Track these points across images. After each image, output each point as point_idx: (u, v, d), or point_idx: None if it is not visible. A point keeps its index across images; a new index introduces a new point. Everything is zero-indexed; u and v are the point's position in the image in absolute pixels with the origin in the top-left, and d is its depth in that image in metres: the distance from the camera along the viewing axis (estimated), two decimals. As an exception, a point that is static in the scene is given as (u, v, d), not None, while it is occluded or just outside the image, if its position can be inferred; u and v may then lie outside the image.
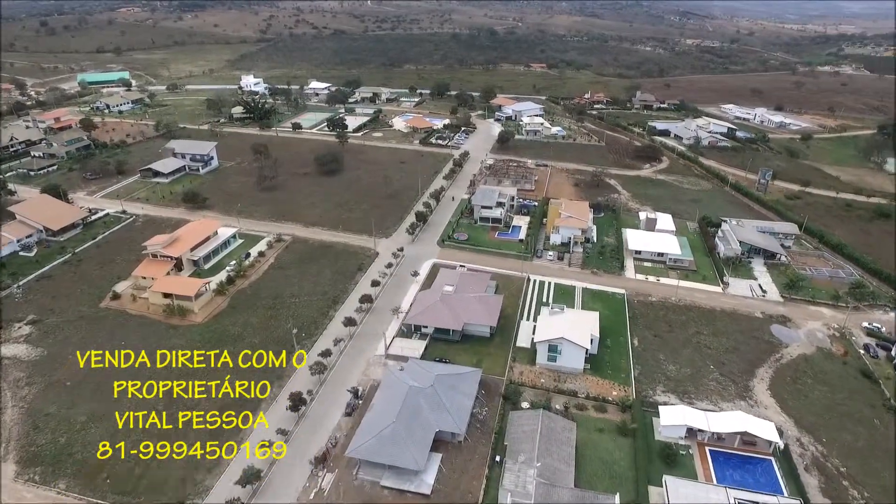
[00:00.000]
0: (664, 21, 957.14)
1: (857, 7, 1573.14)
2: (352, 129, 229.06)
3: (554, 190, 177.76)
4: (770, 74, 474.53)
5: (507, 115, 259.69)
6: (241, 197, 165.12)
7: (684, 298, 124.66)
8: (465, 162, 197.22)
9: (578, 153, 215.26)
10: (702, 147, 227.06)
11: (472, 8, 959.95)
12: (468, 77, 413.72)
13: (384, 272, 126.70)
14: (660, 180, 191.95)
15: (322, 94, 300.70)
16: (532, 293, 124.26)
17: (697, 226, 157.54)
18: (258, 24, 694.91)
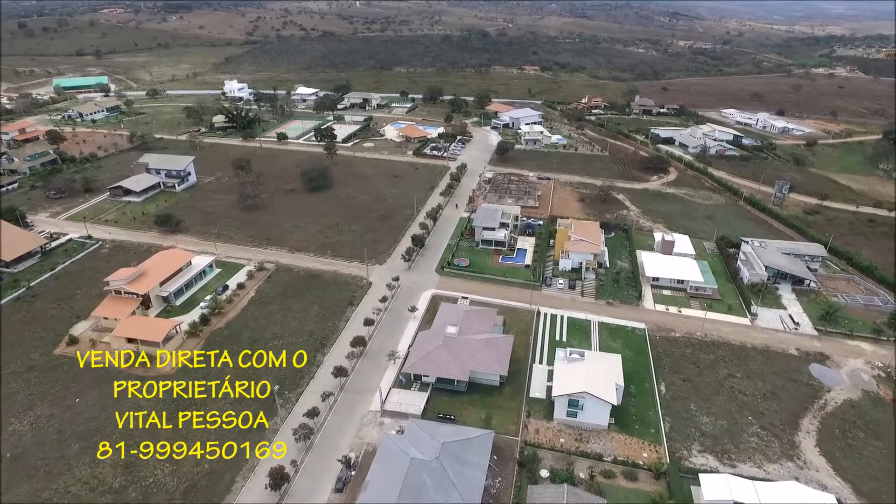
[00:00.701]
0: (654, 22, 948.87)
1: (841, 8, 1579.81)
2: (341, 139, 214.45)
3: (559, 207, 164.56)
4: (765, 77, 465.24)
5: (505, 123, 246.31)
6: (220, 218, 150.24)
7: (710, 333, 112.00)
8: (463, 175, 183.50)
9: (581, 164, 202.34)
10: (709, 156, 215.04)
11: (462, 9, 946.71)
12: (461, 80, 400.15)
13: (378, 308, 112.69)
14: (670, 194, 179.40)
15: (309, 101, 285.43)
16: (543, 329, 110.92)
17: (715, 246, 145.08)
18: (245, 26, 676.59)
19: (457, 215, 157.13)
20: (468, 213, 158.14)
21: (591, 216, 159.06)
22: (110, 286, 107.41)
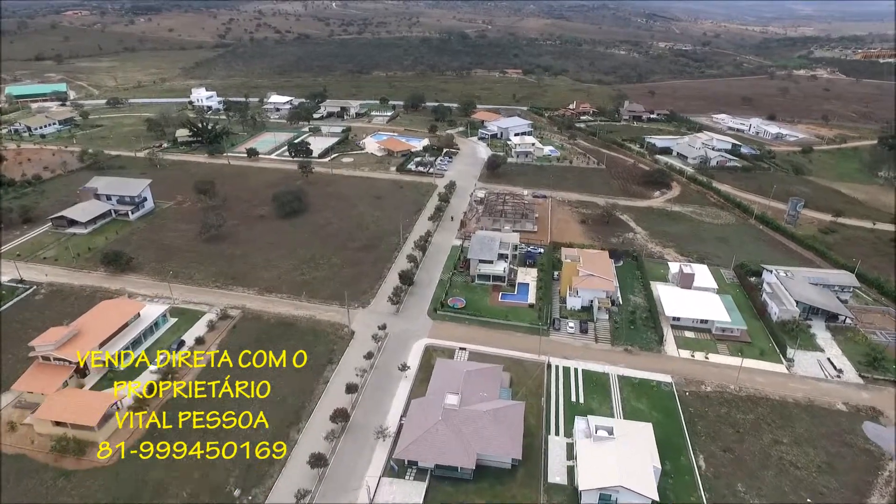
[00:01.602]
0: (631, 23, 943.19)
1: (809, 9, 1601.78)
2: (317, 154, 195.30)
3: (560, 230, 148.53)
4: (749, 79, 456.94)
5: (493, 133, 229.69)
6: (178, 252, 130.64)
7: (745, 385, 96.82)
8: (452, 194, 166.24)
9: (578, 179, 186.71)
10: (710, 168, 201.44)
11: (440, 10, 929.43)
12: (442, 85, 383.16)
13: (362, 367, 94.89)
14: (676, 213, 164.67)
15: (283, 110, 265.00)
16: (556, 387, 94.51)
17: (734, 275, 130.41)
18: (217, 29, 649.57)
19: (448, 243, 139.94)
20: (460, 239, 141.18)
21: (596, 241, 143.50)
22: (36, 352, 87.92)
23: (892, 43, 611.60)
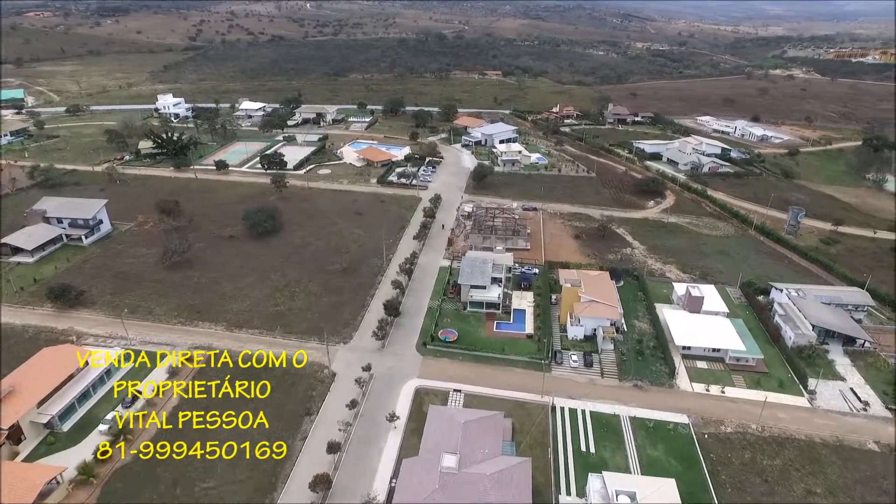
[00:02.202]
0: (607, 23, 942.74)
1: (778, 9, 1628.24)
2: (292, 166, 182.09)
3: (554, 247, 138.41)
4: (727, 79, 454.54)
5: (477, 140, 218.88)
6: (138, 282, 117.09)
7: (767, 423, 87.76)
8: (438, 208, 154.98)
9: (568, 189, 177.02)
10: (702, 174, 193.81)
11: (416, 11, 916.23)
12: (421, 87, 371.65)
13: (345, 419, 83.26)
14: (672, 224, 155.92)
15: (256, 117, 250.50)
16: (563, 434, 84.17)
17: (741, 294, 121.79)
18: (187, 31, 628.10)
19: (436, 264, 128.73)
20: (449, 259, 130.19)
21: (592, 257, 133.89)
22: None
23: (861, 43, 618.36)
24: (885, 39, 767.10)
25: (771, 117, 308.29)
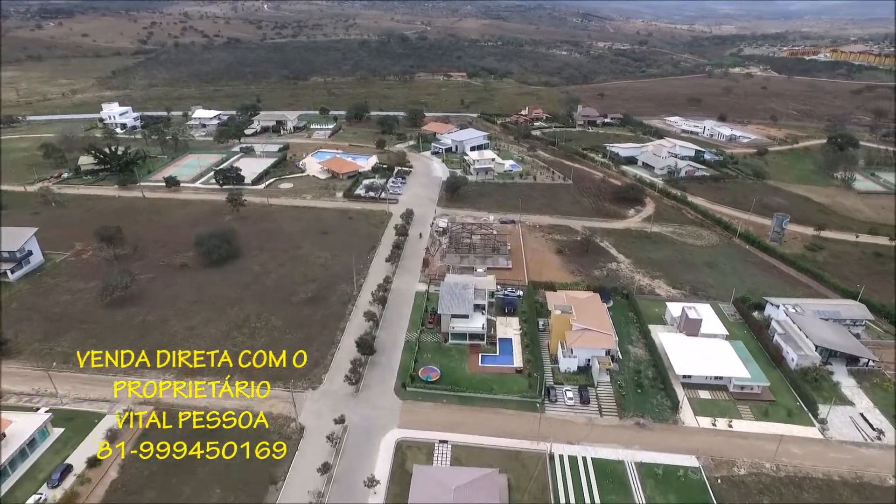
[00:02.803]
0: (567, 23, 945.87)
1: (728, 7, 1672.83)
2: (250, 181, 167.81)
3: (537, 264, 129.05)
4: (689, 78, 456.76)
5: (447, 147, 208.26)
6: (72, 325, 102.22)
7: (781, 461, 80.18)
8: (411, 225, 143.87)
9: (545, 198, 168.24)
10: (679, 179, 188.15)
11: (376, 11, 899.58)
12: (385, 91, 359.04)
13: (317, 487, 71.53)
14: (656, 235, 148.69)
15: (211, 126, 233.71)
16: (565, 488, 74.53)
17: (735, 310, 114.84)
18: (137, 34, 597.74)
19: (411, 288, 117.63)
20: (426, 282, 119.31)
21: (578, 274, 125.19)
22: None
23: (813, 41, 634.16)
24: (832, 37, 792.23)
25: (737, 116, 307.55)
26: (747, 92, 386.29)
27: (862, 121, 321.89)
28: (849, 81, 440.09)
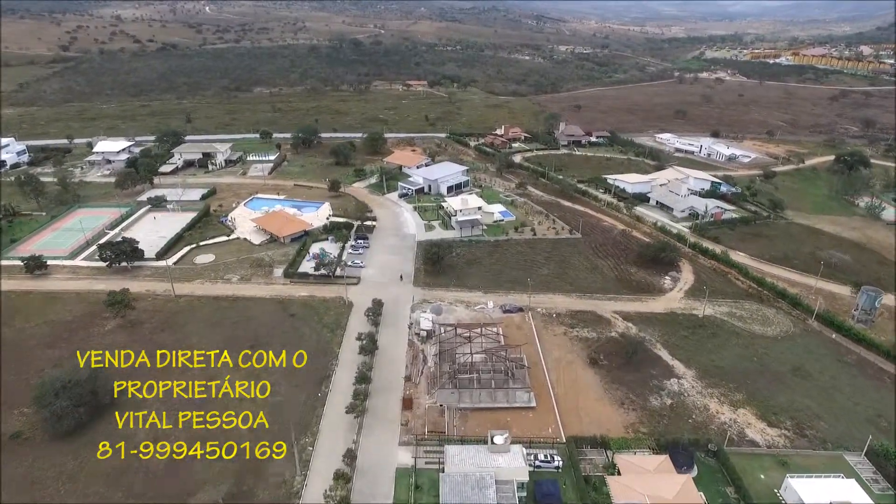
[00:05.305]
0: (522, 25, 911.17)
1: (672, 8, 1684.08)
2: (155, 254, 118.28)
3: (566, 391, 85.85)
4: (659, 85, 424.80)
5: (418, 187, 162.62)
6: None
7: None
8: (380, 325, 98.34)
9: (553, 263, 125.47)
10: (706, 223, 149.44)
11: (327, 14, 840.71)
12: (339, 104, 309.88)
13: None
14: (710, 320, 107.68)
15: (118, 162, 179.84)
16: None
17: (874, 469, 75.07)
18: (59, 39, 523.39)
19: (390, 461, 72.24)
20: (411, 449, 74.24)
21: (629, 406, 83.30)
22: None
23: (769, 43, 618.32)
24: (780, 39, 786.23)
25: (728, 130, 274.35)
26: (726, 101, 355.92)
27: (850, 131, 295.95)
28: (820, 86, 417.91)
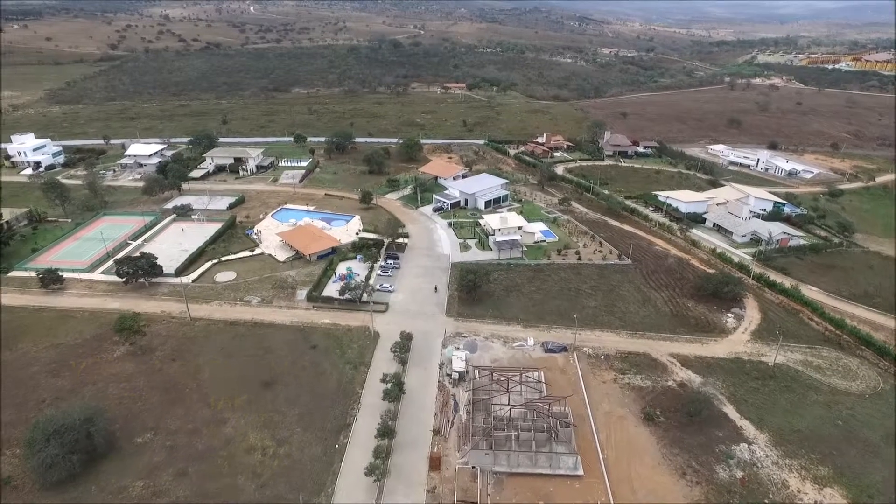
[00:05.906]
0: (565, 27, 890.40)
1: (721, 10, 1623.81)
2: (174, 269, 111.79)
3: (618, 455, 74.22)
4: (710, 91, 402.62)
5: (454, 201, 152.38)
6: None
7: None
8: (408, 361, 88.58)
9: (601, 293, 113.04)
10: (771, 251, 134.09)
11: (368, 14, 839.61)
12: (375, 107, 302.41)
13: None
14: (782, 369, 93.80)
15: (149, 166, 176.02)
16: None
17: None
18: (108, 38, 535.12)
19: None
20: (435, 517, 64.15)
21: (692, 478, 70.85)
22: None
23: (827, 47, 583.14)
24: (838, 43, 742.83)
25: (786, 142, 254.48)
26: (784, 109, 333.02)
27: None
28: (886, 95, 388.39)
